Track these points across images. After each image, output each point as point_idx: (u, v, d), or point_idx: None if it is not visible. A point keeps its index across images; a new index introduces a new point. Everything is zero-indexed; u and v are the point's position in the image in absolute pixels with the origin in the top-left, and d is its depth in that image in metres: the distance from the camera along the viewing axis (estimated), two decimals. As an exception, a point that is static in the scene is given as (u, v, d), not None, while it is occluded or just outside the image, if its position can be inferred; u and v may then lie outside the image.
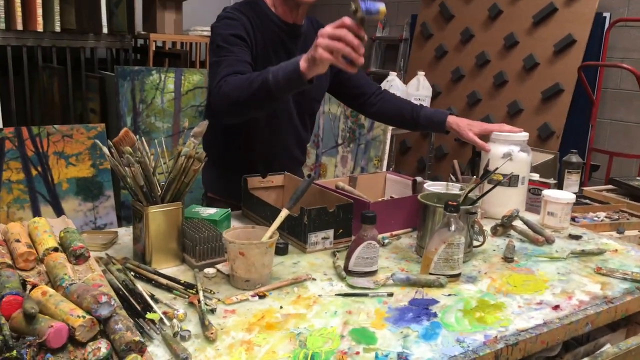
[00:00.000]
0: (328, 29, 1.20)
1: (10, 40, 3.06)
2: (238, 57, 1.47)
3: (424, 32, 4.18)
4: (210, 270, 1.21)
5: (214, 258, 1.25)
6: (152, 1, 3.97)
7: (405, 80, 3.69)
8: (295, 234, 1.38)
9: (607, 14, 3.35)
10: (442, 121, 1.73)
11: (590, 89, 3.26)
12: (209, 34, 4.08)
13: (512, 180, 1.63)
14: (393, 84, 3.08)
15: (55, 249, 1.08)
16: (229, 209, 1.50)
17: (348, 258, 1.22)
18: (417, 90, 3.17)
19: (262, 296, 1.12)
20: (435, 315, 1.07)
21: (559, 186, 2.18)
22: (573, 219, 1.81)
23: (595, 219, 1.93)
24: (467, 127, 1.69)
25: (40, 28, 3.09)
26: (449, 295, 1.16)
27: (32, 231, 1.15)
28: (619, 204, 2.05)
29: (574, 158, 2.23)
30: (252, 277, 1.14)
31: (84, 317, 0.82)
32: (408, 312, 1.07)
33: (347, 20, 1.18)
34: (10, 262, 1.03)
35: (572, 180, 2.26)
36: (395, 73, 3.16)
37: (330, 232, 1.38)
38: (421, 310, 1.09)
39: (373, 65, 4.77)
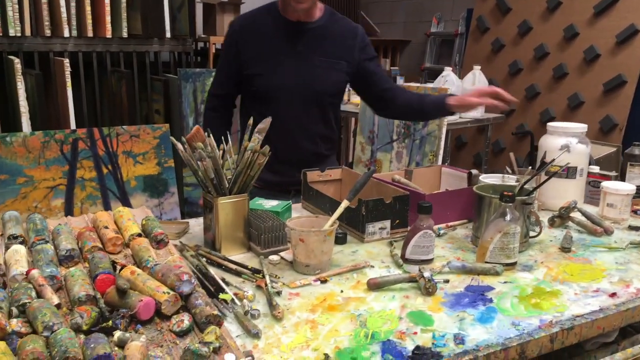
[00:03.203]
0: None
1: (81, 47, 3.27)
2: (223, 77, 1.83)
3: (480, 26, 4.14)
4: (274, 257, 1.30)
5: (277, 246, 1.34)
6: (211, 5, 4.12)
7: (461, 75, 3.68)
8: (353, 225, 1.45)
9: (673, 1, 3.22)
10: (442, 102, 1.77)
11: (656, 80, 3.15)
12: (265, 35, 4.22)
13: (570, 172, 1.63)
14: (448, 79, 3.08)
15: (139, 235, 1.20)
16: (290, 201, 1.59)
17: (405, 246, 1.27)
18: (472, 84, 3.16)
19: (323, 281, 1.19)
20: (490, 300, 1.11)
21: (621, 179, 2.14)
22: (635, 211, 1.78)
23: (659, 212, 1.88)
24: (464, 96, 1.75)
25: (109, 34, 3.28)
26: (505, 282, 1.19)
27: (117, 219, 1.27)
28: (685, 197, 1.99)
29: (637, 150, 2.17)
30: (312, 262, 1.22)
31: (168, 293, 0.92)
32: (464, 298, 1.12)
33: None
34: (100, 245, 1.15)
35: (635, 173, 2.21)
36: (450, 68, 3.16)
37: (387, 223, 1.43)
38: (477, 296, 1.13)
39: (427, 61, 4.76)
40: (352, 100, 3.46)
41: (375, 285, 1.15)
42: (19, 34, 3.00)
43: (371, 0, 5.19)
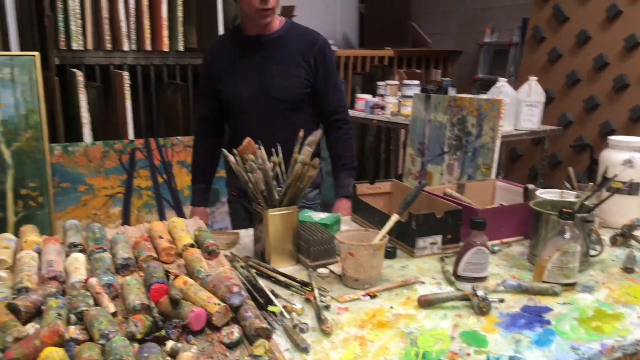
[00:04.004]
0: None
1: (140, 60, 3.39)
2: (205, 102, 1.95)
3: (536, 36, 4.03)
4: (323, 271, 1.29)
5: (326, 259, 1.33)
6: (264, 18, 4.20)
7: (516, 86, 3.58)
8: (403, 239, 1.42)
9: None
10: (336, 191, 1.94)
11: None
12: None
13: (633, 189, 1.55)
14: (502, 90, 3.00)
15: (192, 245, 1.22)
16: (339, 214, 1.58)
17: (457, 263, 1.24)
18: (528, 96, 3.07)
19: (373, 296, 1.17)
20: (548, 322, 1.06)
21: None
22: None
23: None
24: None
25: (166, 48, 3.38)
26: (564, 304, 1.14)
27: (172, 229, 1.30)
28: None
29: None
30: (361, 277, 1.20)
31: (219, 304, 0.93)
32: (520, 319, 1.07)
33: None
34: (155, 255, 1.17)
35: None
36: (505, 79, 3.08)
37: (439, 238, 1.40)
38: (534, 317, 1.08)
39: (481, 71, 4.67)
40: (402, 112, 3.43)
41: (427, 303, 1.12)
42: (81, 49, 3.14)
43: (423, 12, 5.14)
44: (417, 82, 3.51)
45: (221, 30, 3.56)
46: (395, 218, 1.29)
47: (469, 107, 2.79)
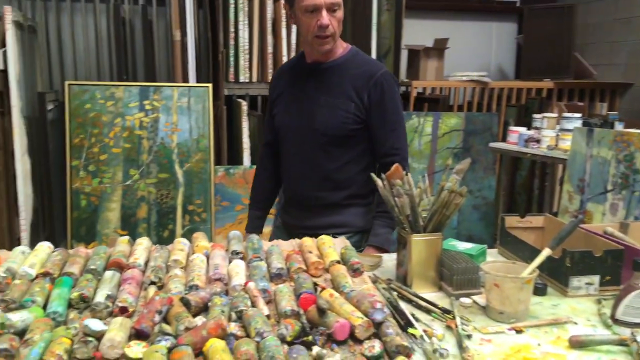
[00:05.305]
0: None
1: (250, 90, 3.57)
2: (268, 126, 1.90)
3: None
4: (466, 300, 1.27)
5: (469, 289, 1.31)
6: (416, 51, 4.26)
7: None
8: (555, 276, 1.35)
9: None
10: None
11: None
12: (467, 78, 4.20)
13: None
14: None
15: (338, 262, 1.29)
16: (485, 245, 1.55)
17: (616, 306, 1.15)
18: None
19: (518, 331, 1.13)
20: None
21: None
22: None
23: None
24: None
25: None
26: None
27: (320, 246, 1.39)
28: None
29: None
30: (506, 310, 1.17)
31: (362, 318, 0.98)
32: (690, 373, 0.97)
33: None
34: (304, 268, 1.27)
35: None
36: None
37: (596, 278, 1.31)
38: None
39: (653, 105, 4.23)
40: (560, 146, 3.24)
41: (578, 344, 1.06)
42: (247, 80, 3.45)
43: (588, 42, 4.83)
44: (578, 115, 3.30)
45: (373, 63, 3.68)
46: (546, 252, 1.23)
47: (638, 142, 2.56)
